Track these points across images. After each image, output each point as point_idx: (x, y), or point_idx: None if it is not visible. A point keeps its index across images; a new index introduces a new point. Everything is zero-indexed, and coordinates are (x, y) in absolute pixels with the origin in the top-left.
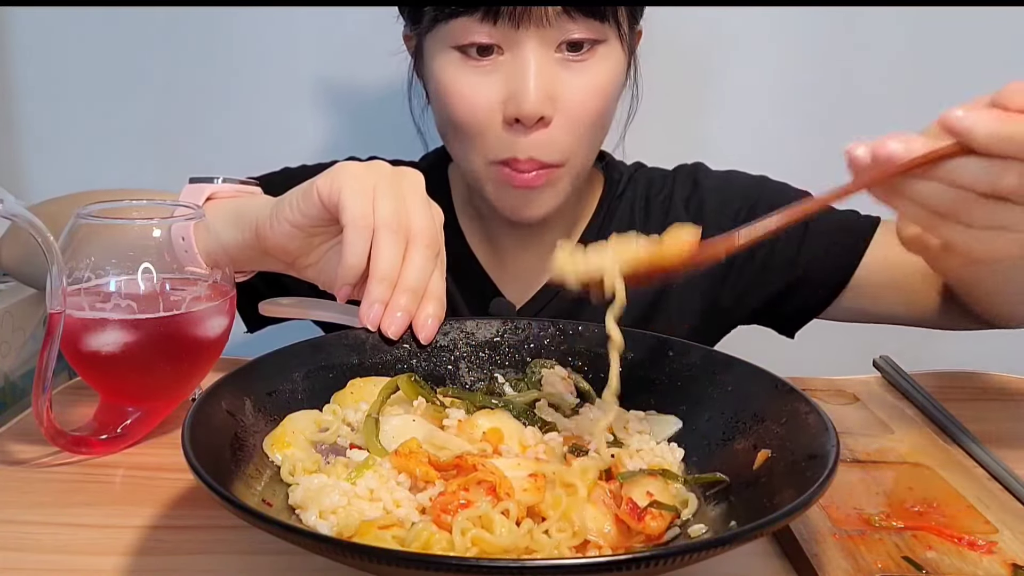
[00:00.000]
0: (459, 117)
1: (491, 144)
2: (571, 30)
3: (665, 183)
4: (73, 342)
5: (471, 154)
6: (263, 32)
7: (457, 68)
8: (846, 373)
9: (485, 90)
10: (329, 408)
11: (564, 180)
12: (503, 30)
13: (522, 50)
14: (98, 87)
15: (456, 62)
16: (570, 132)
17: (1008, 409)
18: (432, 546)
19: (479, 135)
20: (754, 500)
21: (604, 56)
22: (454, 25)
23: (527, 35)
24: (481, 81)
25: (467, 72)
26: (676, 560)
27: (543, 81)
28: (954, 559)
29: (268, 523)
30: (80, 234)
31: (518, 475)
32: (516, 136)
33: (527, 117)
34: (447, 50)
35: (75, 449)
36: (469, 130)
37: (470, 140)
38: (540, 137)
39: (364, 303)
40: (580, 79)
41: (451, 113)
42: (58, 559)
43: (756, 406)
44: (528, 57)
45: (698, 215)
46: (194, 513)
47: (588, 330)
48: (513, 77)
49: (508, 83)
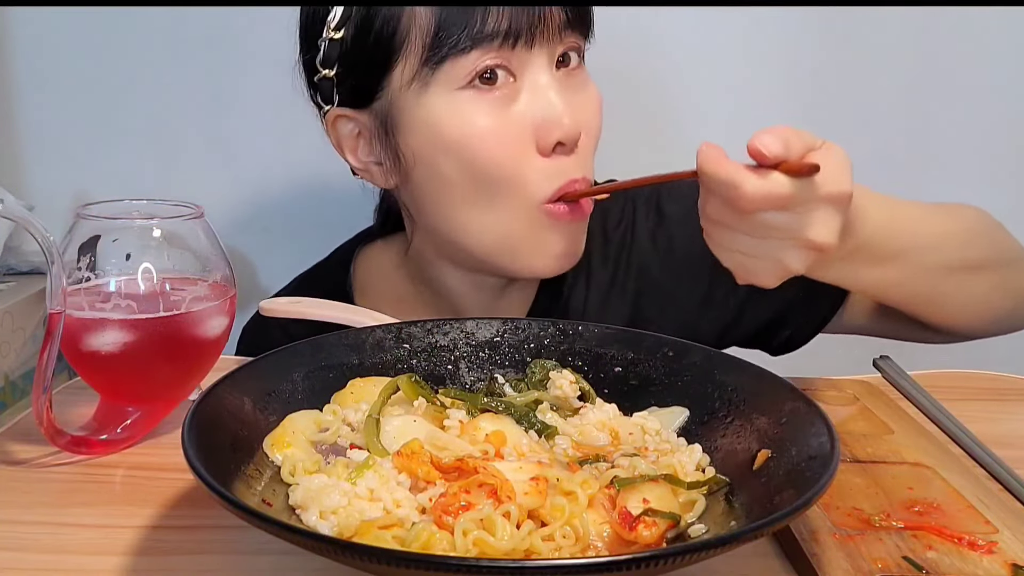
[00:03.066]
0: (490, 159)
1: (536, 180)
2: (568, 43)
3: (624, 214)
4: (73, 342)
5: (508, 206)
6: (263, 32)
7: (475, 106)
8: (846, 373)
9: (514, 122)
10: (329, 408)
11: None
12: (519, 53)
13: (536, 72)
14: (98, 87)
15: (471, 100)
16: (592, 151)
17: (1008, 409)
18: (433, 546)
19: (519, 174)
20: (754, 500)
21: (586, 73)
22: (461, 62)
23: (539, 55)
24: (506, 112)
25: (488, 107)
26: (676, 560)
27: (567, 99)
28: (954, 559)
29: (268, 523)
30: (80, 234)
31: (519, 478)
32: (559, 161)
33: (570, 137)
34: (452, 93)
35: (75, 449)
36: (507, 171)
37: (507, 187)
38: (579, 159)
39: None
40: (584, 95)
41: (475, 159)
42: (58, 559)
43: (756, 406)
44: (544, 77)
45: (668, 253)
46: (194, 513)
47: (588, 330)
48: (537, 101)
49: (531, 110)
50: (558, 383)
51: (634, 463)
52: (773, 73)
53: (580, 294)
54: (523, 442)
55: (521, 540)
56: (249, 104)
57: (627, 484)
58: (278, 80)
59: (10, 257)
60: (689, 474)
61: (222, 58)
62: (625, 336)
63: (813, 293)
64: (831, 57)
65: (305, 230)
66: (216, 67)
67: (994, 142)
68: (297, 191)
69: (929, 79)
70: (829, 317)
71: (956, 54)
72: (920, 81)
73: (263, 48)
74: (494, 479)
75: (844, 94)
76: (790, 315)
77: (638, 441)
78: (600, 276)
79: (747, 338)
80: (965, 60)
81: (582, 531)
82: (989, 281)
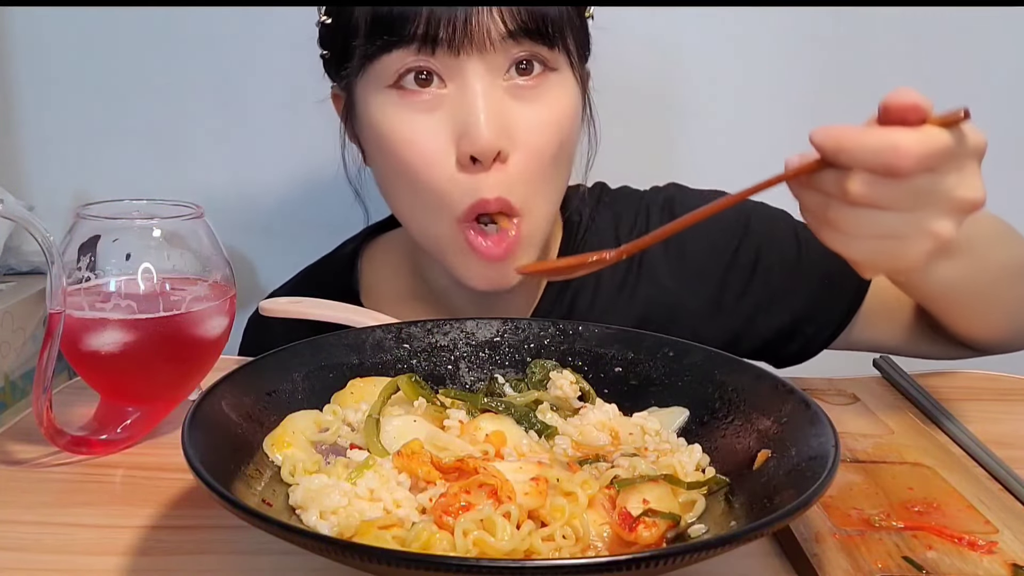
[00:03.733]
0: (408, 165)
1: (452, 193)
2: (519, 52)
3: (637, 220)
4: (73, 342)
5: (432, 215)
6: (263, 31)
7: (397, 109)
8: (846, 373)
9: (432, 130)
10: (329, 408)
11: (533, 238)
12: (442, 59)
13: (466, 79)
14: (98, 87)
15: (395, 103)
16: (530, 171)
17: (1008, 409)
18: (433, 546)
19: (435, 186)
20: (754, 500)
21: (556, 84)
22: (386, 61)
23: (469, 62)
24: (426, 120)
25: (408, 112)
26: (676, 560)
27: (493, 112)
28: (954, 559)
29: (268, 523)
30: (80, 234)
31: (520, 479)
32: (475, 176)
33: (483, 153)
34: (382, 91)
35: (75, 449)
36: (422, 181)
37: (426, 195)
38: (500, 176)
39: None
40: (533, 109)
41: (398, 163)
42: (58, 559)
43: (756, 406)
44: (474, 86)
45: (679, 257)
46: (194, 513)
47: (588, 330)
48: (460, 110)
49: (456, 118)
50: (558, 383)
51: (634, 463)
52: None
53: (587, 297)
54: (523, 442)
55: (521, 540)
56: (249, 104)
57: (627, 485)
58: (279, 80)
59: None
60: (689, 474)
61: (222, 58)
62: (625, 336)
63: (825, 303)
64: (832, 57)
65: (305, 230)
66: (216, 67)
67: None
68: (297, 191)
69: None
70: (843, 326)
71: (956, 54)
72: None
73: (264, 48)
74: (494, 479)
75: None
76: (800, 326)
77: (638, 441)
78: (609, 280)
79: (756, 349)
80: (965, 60)
81: (582, 531)
82: None
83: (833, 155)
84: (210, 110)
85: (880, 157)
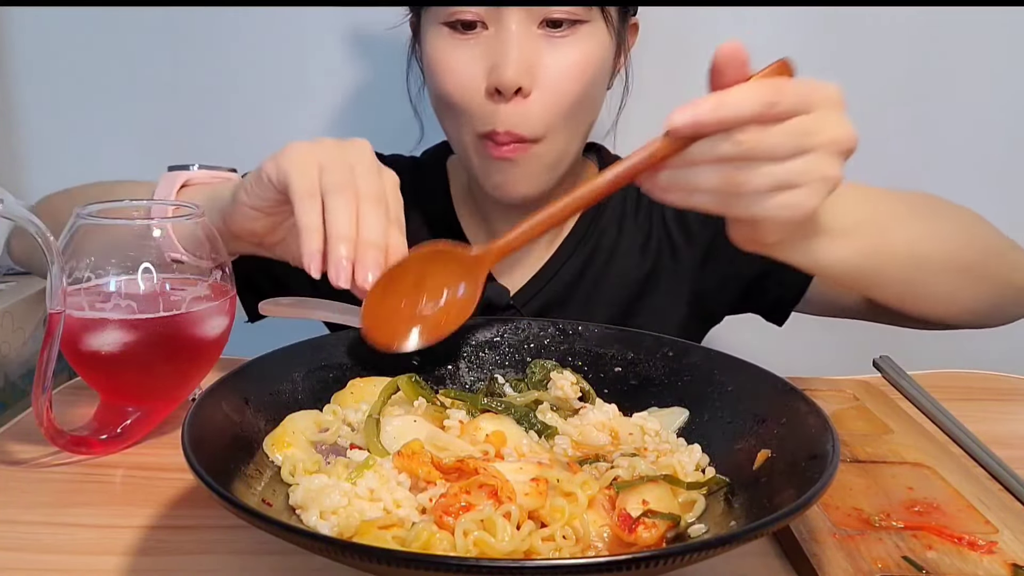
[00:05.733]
0: (446, 89)
1: (475, 116)
2: (553, 10)
3: None
4: (73, 342)
5: (459, 128)
6: (264, 31)
7: (445, 42)
8: (846, 373)
9: (469, 62)
10: (329, 408)
11: (544, 159)
12: (490, 11)
13: (504, 24)
14: (98, 87)
15: (445, 37)
16: (549, 108)
17: (1008, 409)
18: (433, 547)
19: (464, 107)
20: (754, 500)
21: (587, 35)
22: (445, 10)
23: (510, 11)
24: (466, 54)
25: (454, 46)
26: (676, 560)
27: (523, 53)
28: (954, 559)
29: (268, 523)
30: (80, 234)
31: (520, 479)
32: (496, 107)
33: (505, 86)
34: (437, 26)
35: (75, 449)
36: (455, 103)
37: (457, 114)
38: (518, 109)
39: (330, 267)
40: (560, 54)
41: (439, 86)
42: (58, 559)
43: (756, 406)
44: (510, 30)
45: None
46: (194, 513)
47: (588, 330)
48: (495, 49)
49: (490, 55)
50: (558, 383)
51: (634, 463)
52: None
53: (611, 236)
54: (523, 442)
55: (521, 541)
56: (250, 104)
57: (626, 487)
58: (279, 80)
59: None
60: (689, 474)
61: (222, 57)
62: (625, 336)
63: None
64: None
65: None
66: (217, 66)
67: (994, 143)
68: None
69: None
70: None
71: (956, 55)
72: (920, 81)
73: (264, 48)
74: (494, 480)
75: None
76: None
77: (638, 441)
78: (632, 230)
79: (742, 293)
80: (965, 60)
81: (582, 532)
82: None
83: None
84: (211, 109)
85: (761, 97)
